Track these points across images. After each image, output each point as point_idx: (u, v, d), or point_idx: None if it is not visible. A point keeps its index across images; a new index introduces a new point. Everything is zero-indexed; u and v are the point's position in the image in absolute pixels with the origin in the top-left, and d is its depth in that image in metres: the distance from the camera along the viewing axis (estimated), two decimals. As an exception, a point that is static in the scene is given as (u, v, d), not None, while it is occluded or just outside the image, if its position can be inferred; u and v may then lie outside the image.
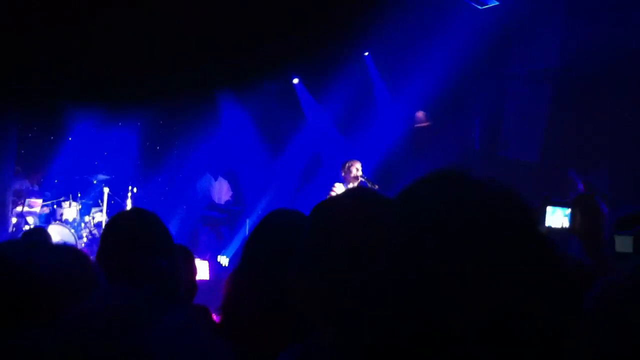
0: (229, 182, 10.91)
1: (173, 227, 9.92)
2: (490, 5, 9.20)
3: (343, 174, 7.72)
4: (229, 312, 2.18)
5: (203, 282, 5.51)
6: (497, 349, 0.88)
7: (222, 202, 10.66)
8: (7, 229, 9.11)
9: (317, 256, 1.42)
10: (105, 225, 2.74)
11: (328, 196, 7.30)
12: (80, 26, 8.82)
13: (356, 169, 7.66)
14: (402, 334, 0.91)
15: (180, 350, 0.88)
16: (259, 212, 10.13)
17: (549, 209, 3.35)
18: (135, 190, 9.78)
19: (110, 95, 10.84)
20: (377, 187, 7.68)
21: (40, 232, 4.85)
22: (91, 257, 2.29)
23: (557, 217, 3.37)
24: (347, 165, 7.71)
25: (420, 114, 10.61)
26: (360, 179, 7.59)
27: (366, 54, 11.04)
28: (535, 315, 0.90)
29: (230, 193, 10.87)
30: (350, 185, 7.56)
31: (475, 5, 9.21)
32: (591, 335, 2.34)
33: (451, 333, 0.88)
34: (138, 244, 2.48)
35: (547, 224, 3.37)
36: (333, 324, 1.32)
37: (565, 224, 3.36)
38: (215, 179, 10.76)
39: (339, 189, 7.49)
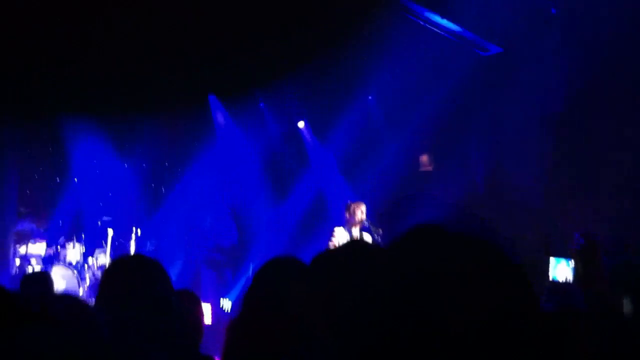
0: (233, 224, 10.90)
1: (176, 269, 9.90)
2: (495, 53, 9.30)
3: (347, 216, 7.66)
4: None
5: (205, 326, 5.46)
6: None
7: (227, 244, 10.63)
8: (10, 271, 9.10)
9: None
10: (104, 273, 2.69)
11: (329, 241, 7.30)
12: (87, 64, 8.95)
13: (361, 211, 7.62)
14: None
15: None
16: (262, 256, 10.09)
17: (552, 260, 3.35)
18: (139, 231, 9.78)
19: (115, 136, 10.94)
20: (380, 231, 7.66)
21: (42, 277, 4.83)
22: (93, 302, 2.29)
23: (561, 269, 3.37)
24: (351, 207, 7.66)
25: (424, 158, 10.64)
26: (364, 222, 7.55)
27: (370, 97, 11.13)
28: None
29: (235, 235, 10.85)
30: (354, 230, 7.52)
31: (479, 52, 9.32)
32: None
33: None
34: (135, 297, 2.43)
35: (551, 275, 3.37)
36: None
37: (569, 275, 3.36)
38: (219, 221, 10.75)
39: (339, 233, 7.44)
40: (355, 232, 7.54)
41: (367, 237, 7.60)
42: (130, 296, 2.44)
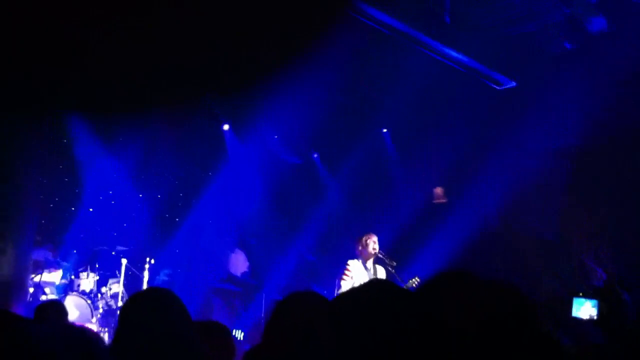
0: (245, 254, 10.90)
1: (187, 299, 9.88)
2: (509, 87, 9.33)
3: (360, 249, 7.57)
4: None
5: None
6: None
7: (239, 274, 10.63)
8: (25, 299, 9.12)
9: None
10: (121, 311, 2.65)
11: (343, 275, 7.26)
12: (105, 94, 9.06)
13: (373, 242, 7.54)
14: None
15: None
16: (273, 286, 10.08)
17: (575, 301, 3.34)
18: (152, 261, 9.79)
19: (131, 167, 11.03)
20: (394, 263, 7.61)
21: (55, 306, 4.84)
22: (106, 331, 2.30)
23: (585, 309, 3.35)
24: (364, 239, 7.55)
25: (438, 190, 10.64)
26: (377, 254, 7.48)
27: (384, 130, 11.18)
28: None
29: (246, 265, 10.85)
30: (368, 263, 7.47)
31: (493, 86, 9.35)
32: None
33: None
34: (154, 335, 2.42)
35: (574, 314, 3.35)
36: None
37: (592, 313, 3.33)
38: (232, 251, 10.76)
39: (353, 266, 7.38)
40: (369, 264, 7.48)
41: (381, 270, 7.55)
42: (148, 333, 2.43)
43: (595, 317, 3.33)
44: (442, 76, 9.19)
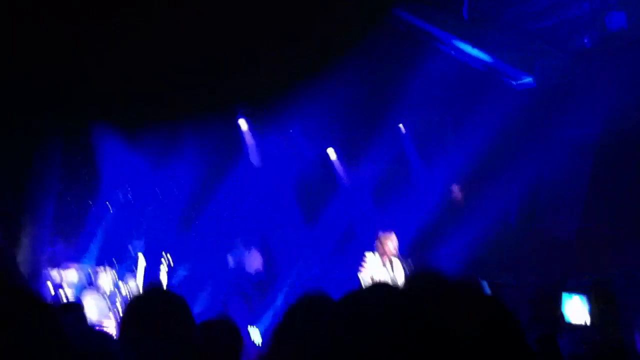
0: (261, 251, 10.90)
1: (204, 296, 9.92)
2: (524, 81, 9.24)
3: (378, 246, 7.64)
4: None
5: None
6: None
7: (253, 271, 10.63)
8: (43, 291, 9.18)
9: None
10: (125, 309, 2.67)
11: (361, 268, 7.28)
12: (126, 95, 9.10)
13: (391, 242, 7.59)
14: None
15: None
16: (292, 284, 10.08)
17: (564, 296, 3.29)
18: (169, 257, 9.83)
19: (148, 162, 11.06)
20: (410, 261, 7.64)
21: (75, 308, 4.88)
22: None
23: (575, 306, 3.30)
24: (382, 238, 7.63)
25: (455, 187, 10.57)
26: (395, 256, 7.53)
27: (401, 125, 11.12)
28: None
29: (261, 262, 10.85)
30: (386, 260, 7.50)
31: (511, 82, 9.27)
32: None
33: None
34: (155, 335, 2.41)
35: (565, 311, 3.31)
36: None
37: (585, 315, 3.28)
38: (248, 250, 10.76)
39: (370, 259, 7.44)
40: (387, 263, 7.53)
41: (399, 267, 7.58)
42: (150, 333, 2.44)
43: (588, 319, 3.28)
44: (461, 71, 9.13)
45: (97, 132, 10.35)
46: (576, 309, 3.34)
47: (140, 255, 9.72)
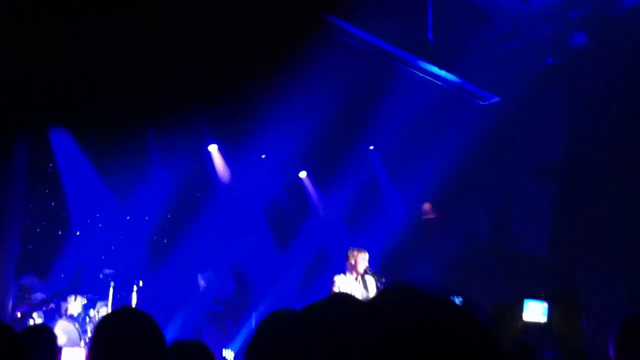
0: (233, 275, 10.87)
1: (177, 322, 9.82)
2: (493, 102, 9.40)
3: (349, 263, 7.53)
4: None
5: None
6: None
7: (225, 294, 10.58)
8: (7, 322, 8.99)
9: None
10: (95, 328, 2.64)
11: (331, 291, 7.23)
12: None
13: (362, 258, 7.51)
14: None
15: None
16: (265, 306, 10.04)
17: (525, 303, 3.32)
18: (141, 284, 9.73)
19: (118, 188, 10.99)
20: (383, 279, 7.59)
21: (44, 331, 4.80)
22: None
23: (533, 311, 3.33)
24: (353, 253, 7.53)
25: (426, 206, 10.67)
26: (366, 270, 7.46)
27: (371, 147, 11.22)
28: None
29: (233, 285, 10.81)
30: (355, 276, 7.46)
31: (478, 102, 9.43)
32: None
33: None
34: (123, 354, 2.40)
35: (525, 318, 3.34)
36: None
37: (543, 319, 3.31)
38: (218, 272, 10.73)
39: (339, 281, 7.38)
40: (358, 279, 7.48)
41: (371, 282, 7.53)
42: (119, 353, 2.42)
43: (544, 321, 3.28)
44: (428, 93, 9.25)
45: (64, 160, 10.28)
46: (535, 312, 3.37)
47: (111, 283, 9.62)
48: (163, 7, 6.77)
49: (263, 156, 11.52)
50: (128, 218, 11.33)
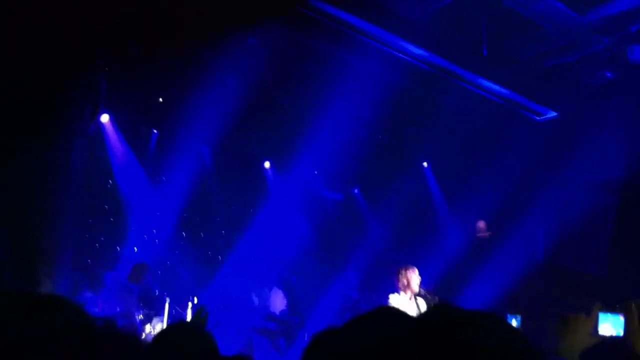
0: (284, 292, 10.88)
1: (230, 338, 9.87)
2: (549, 117, 9.23)
3: (400, 282, 7.38)
4: None
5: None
6: None
7: (277, 312, 10.60)
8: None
9: None
10: (152, 341, 2.68)
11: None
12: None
13: (414, 276, 7.36)
14: None
15: None
16: (316, 323, 10.01)
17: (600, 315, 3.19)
18: (195, 300, 9.81)
19: (178, 205, 11.18)
20: (436, 298, 7.47)
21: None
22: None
23: (608, 325, 3.20)
24: (403, 272, 7.37)
25: (481, 224, 10.50)
26: (419, 289, 7.33)
27: (425, 164, 11.13)
28: None
29: (285, 302, 10.81)
30: (410, 296, 7.35)
31: (534, 117, 9.26)
32: None
33: None
34: None
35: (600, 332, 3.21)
36: None
37: (619, 332, 3.18)
38: (270, 289, 10.75)
39: (394, 300, 7.25)
40: (411, 298, 7.36)
41: (422, 304, 7.39)
42: None
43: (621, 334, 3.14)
44: (482, 109, 9.15)
45: (124, 177, 10.50)
46: (610, 326, 3.24)
47: (167, 299, 9.72)
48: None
49: (315, 172, 11.56)
50: (184, 235, 11.49)
